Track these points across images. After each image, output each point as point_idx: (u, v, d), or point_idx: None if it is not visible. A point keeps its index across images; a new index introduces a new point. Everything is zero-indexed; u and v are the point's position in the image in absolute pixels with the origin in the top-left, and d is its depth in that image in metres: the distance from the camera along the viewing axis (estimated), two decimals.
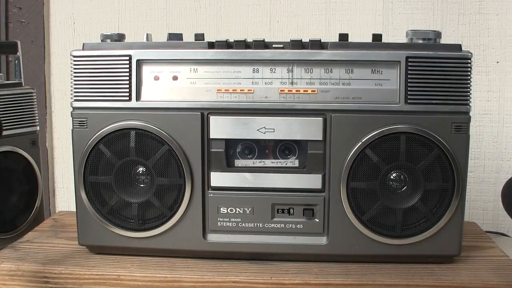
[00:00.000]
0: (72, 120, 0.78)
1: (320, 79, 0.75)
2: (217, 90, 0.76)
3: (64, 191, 1.39)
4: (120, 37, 0.80)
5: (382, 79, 0.75)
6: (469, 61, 0.74)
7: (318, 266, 0.76)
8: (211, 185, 0.78)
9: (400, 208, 0.75)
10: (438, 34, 0.76)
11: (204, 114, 0.76)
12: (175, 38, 0.78)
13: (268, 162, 0.78)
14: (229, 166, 0.78)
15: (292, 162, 0.78)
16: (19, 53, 1.03)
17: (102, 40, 0.80)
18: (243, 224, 0.78)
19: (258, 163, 0.78)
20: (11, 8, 1.34)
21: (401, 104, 0.74)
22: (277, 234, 0.78)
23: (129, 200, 0.78)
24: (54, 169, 1.39)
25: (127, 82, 0.76)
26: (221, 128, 0.76)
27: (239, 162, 0.78)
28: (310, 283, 0.72)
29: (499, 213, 1.23)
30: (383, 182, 0.75)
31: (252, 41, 0.76)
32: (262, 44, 0.76)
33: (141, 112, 0.76)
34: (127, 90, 0.77)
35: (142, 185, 0.78)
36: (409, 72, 0.74)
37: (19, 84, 1.02)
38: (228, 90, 0.76)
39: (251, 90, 0.76)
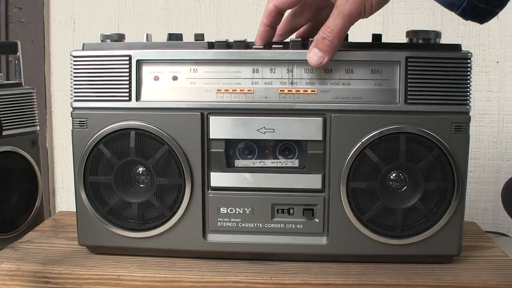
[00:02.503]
0: (72, 120, 0.78)
1: (320, 79, 0.75)
2: (217, 90, 0.76)
3: (64, 191, 1.40)
4: (120, 37, 0.80)
5: (382, 79, 0.75)
6: (469, 61, 0.73)
7: (318, 266, 0.76)
8: (211, 185, 0.78)
9: (400, 208, 0.75)
10: (438, 34, 0.76)
11: (204, 114, 0.76)
12: (175, 38, 0.78)
13: (268, 162, 0.78)
14: (229, 166, 0.78)
15: (292, 162, 0.78)
16: (19, 53, 1.03)
17: (102, 40, 0.80)
18: (243, 224, 0.78)
19: (258, 163, 0.78)
20: (11, 8, 1.34)
21: (401, 104, 0.74)
22: (277, 234, 0.78)
23: (129, 200, 0.78)
24: (54, 169, 1.39)
25: (127, 82, 0.76)
26: (221, 128, 0.76)
27: (239, 162, 0.78)
28: (310, 283, 0.72)
29: (499, 213, 1.24)
30: (383, 182, 0.75)
31: (252, 41, 0.76)
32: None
33: (141, 112, 0.76)
34: (127, 90, 0.77)
35: (142, 185, 0.78)
36: (409, 72, 0.73)
37: (19, 84, 1.02)
38: (228, 90, 0.76)
39: (251, 90, 0.76)
